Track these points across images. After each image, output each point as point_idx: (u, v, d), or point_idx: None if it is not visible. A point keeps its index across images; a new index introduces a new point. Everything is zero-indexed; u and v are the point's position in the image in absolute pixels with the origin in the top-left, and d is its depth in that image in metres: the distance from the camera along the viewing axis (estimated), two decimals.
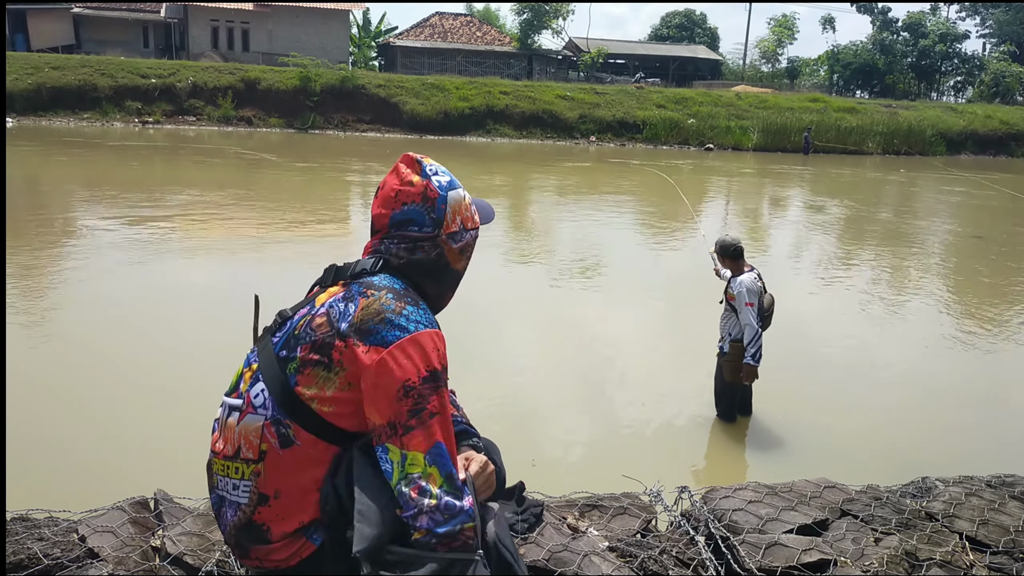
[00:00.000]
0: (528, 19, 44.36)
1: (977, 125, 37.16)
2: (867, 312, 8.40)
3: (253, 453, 1.60)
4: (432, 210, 1.69)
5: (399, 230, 1.70)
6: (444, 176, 1.74)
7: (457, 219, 1.73)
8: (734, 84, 44.94)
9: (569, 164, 24.36)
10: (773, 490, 2.47)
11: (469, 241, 1.78)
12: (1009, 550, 2.24)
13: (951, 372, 6.68)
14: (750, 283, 4.76)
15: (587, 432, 4.99)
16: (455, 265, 1.76)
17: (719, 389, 5.09)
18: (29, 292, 7.25)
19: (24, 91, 26.83)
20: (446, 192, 1.71)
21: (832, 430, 5.15)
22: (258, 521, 1.60)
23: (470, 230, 1.77)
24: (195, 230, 10.79)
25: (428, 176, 1.71)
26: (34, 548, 1.83)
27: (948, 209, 19.34)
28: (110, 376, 5.29)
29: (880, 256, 11.88)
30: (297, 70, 30.92)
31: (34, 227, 10.04)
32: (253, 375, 1.66)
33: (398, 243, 1.70)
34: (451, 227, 1.72)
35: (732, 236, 5.03)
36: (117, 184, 14.67)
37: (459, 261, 1.77)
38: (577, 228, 12.98)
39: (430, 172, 1.72)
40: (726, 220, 14.87)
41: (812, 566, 2.06)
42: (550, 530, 2.13)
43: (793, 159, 29.88)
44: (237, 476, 1.62)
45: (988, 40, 55.94)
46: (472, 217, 1.78)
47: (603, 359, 6.42)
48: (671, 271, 10.25)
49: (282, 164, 19.81)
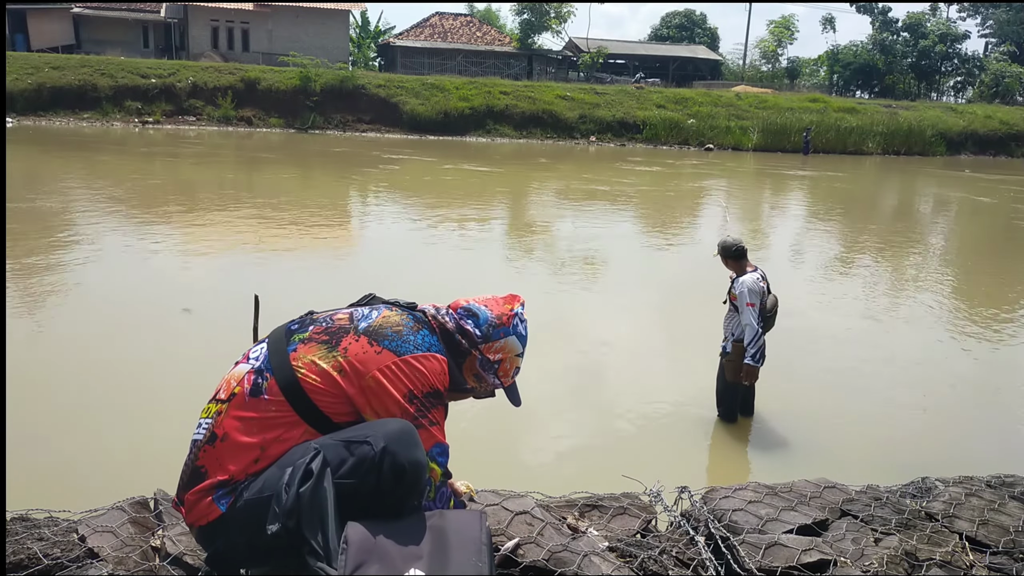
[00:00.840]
0: (528, 19, 44.35)
1: (977, 125, 37.17)
2: (867, 312, 8.40)
3: (225, 394, 1.69)
4: (493, 328, 1.88)
5: (464, 316, 1.89)
6: (524, 331, 1.93)
7: (499, 355, 1.89)
8: (734, 84, 44.95)
9: (626, 167, 24.36)
10: (773, 490, 2.47)
11: (488, 380, 1.92)
12: (1009, 550, 2.24)
13: (951, 372, 6.68)
14: (752, 283, 4.75)
15: (587, 432, 4.99)
16: (464, 374, 1.92)
17: (721, 389, 5.08)
18: (28, 292, 7.25)
19: (24, 91, 26.84)
20: (512, 332, 1.89)
21: (832, 430, 5.15)
22: (199, 464, 1.66)
23: (499, 376, 1.92)
24: (196, 230, 10.79)
25: (517, 314, 1.92)
26: (34, 548, 1.83)
27: (953, 209, 19.34)
28: (110, 376, 5.29)
29: (881, 256, 11.88)
30: (297, 70, 30.92)
31: (34, 227, 10.04)
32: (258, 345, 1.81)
33: (453, 321, 1.89)
34: (490, 353, 1.89)
35: (733, 237, 5.01)
36: (117, 184, 14.68)
37: (469, 377, 1.93)
38: (577, 228, 12.99)
39: (521, 316, 1.93)
40: (726, 220, 14.86)
41: (812, 566, 2.06)
42: (550, 530, 2.13)
43: (793, 159, 29.89)
44: (205, 415, 1.71)
45: (988, 40, 55.94)
46: (508, 373, 1.93)
47: (603, 358, 6.42)
48: (673, 271, 10.25)
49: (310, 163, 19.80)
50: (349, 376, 1.64)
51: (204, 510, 1.63)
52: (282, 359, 1.66)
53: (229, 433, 1.63)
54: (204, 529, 1.64)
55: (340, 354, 1.66)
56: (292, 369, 1.64)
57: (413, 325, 1.77)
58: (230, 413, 1.65)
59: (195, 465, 1.67)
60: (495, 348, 1.87)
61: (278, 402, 1.63)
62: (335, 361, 1.65)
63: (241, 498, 1.59)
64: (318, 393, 1.64)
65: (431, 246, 10.64)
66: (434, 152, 25.01)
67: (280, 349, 1.69)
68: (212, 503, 1.62)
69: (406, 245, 10.72)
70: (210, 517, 1.62)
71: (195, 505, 1.64)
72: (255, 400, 1.64)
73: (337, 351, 1.66)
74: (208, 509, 1.62)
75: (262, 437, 1.62)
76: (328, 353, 1.66)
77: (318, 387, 1.64)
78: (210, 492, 1.63)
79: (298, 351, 1.67)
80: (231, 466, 1.62)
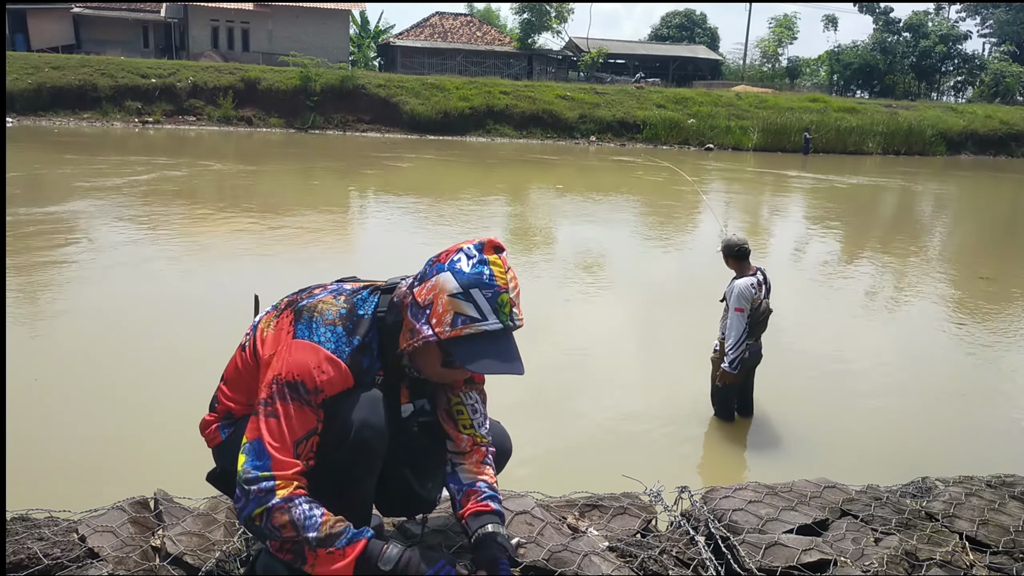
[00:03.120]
0: (528, 19, 44.35)
1: (977, 125, 37.16)
2: (867, 311, 8.40)
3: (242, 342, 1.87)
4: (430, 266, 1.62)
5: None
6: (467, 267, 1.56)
7: (429, 296, 1.57)
8: (734, 84, 44.94)
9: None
10: (773, 490, 2.47)
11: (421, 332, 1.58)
12: (1009, 550, 2.24)
13: (951, 372, 6.68)
14: (744, 288, 4.69)
15: (587, 432, 4.99)
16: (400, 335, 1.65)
17: (714, 388, 5.08)
18: (28, 292, 7.25)
19: (24, 91, 26.84)
20: (447, 268, 1.57)
21: (832, 430, 5.15)
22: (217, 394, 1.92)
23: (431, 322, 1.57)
24: (196, 230, 10.79)
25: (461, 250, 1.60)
26: (34, 548, 1.83)
27: (955, 208, 19.34)
28: (110, 376, 5.29)
29: (881, 256, 11.88)
30: (297, 70, 30.93)
31: (34, 226, 10.04)
32: None
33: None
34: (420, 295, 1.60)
35: (739, 236, 4.90)
36: (118, 183, 14.67)
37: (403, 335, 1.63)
38: (578, 227, 12.99)
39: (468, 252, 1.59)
40: (725, 219, 14.86)
41: (812, 566, 2.06)
42: (550, 530, 2.13)
43: (793, 159, 29.89)
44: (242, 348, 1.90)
45: (988, 40, 55.94)
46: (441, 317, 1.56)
47: (604, 357, 6.42)
48: (674, 270, 10.25)
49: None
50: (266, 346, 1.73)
51: (212, 435, 1.90)
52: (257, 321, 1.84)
53: (227, 375, 1.89)
54: (213, 450, 1.92)
55: (272, 326, 1.74)
56: (256, 331, 1.79)
57: (333, 319, 1.64)
58: (233, 360, 1.87)
59: (215, 394, 1.92)
60: (427, 288, 1.57)
61: (248, 358, 1.79)
62: (267, 332, 1.75)
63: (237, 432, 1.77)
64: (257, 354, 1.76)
65: (430, 247, 10.64)
66: (435, 152, 25.01)
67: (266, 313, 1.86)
68: (216, 430, 1.89)
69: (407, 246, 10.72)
70: (215, 442, 1.90)
71: (207, 427, 1.92)
72: (242, 354, 1.83)
73: (274, 322, 1.75)
74: (214, 435, 1.90)
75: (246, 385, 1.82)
76: (269, 322, 1.77)
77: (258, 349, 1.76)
78: (218, 419, 1.90)
79: (268, 315, 1.81)
80: (228, 402, 1.87)
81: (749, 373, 5.03)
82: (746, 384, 5.08)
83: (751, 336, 4.79)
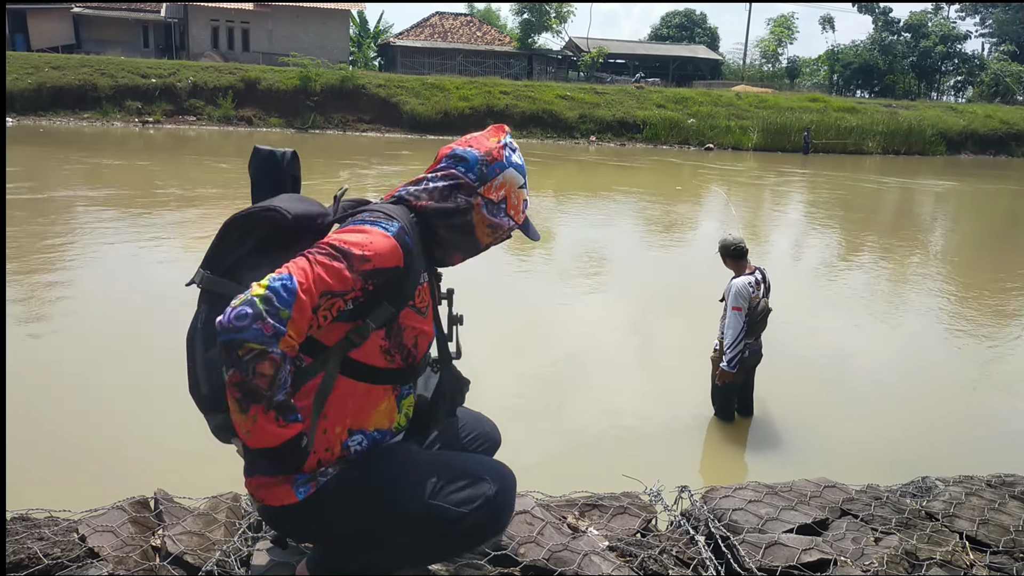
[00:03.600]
0: (528, 19, 44.34)
1: (977, 125, 37.16)
2: (868, 311, 8.40)
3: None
4: (487, 166, 1.70)
5: (451, 164, 1.71)
6: (519, 158, 1.76)
7: (502, 192, 1.72)
8: (734, 84, 44.94)
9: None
10: (773, 490, 2.47)
11: (503, 224, 1.74)
12: (1009, 550, 2.24)
13: (952, 372, 6.68)
14: (742, 287, 4.69)
15: (587, 431, 4.99)
16: (477, 233, 1.74)
17: (713, 388, 5.08)
18: (28, 292, 7.25)
19: (24, 91, 26.83)
20: (509, 165, 1.72)
21: (832, 430, 5.15)
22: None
23: (510, 214, 1.75)
24: (197, 228, 10.79)
25: (506, 144, 1.74)
26: (34, 548, 1.83)
27: (957, 208, 19.34)
28: (110, 376, 5.29)
29: (881, 255, 11.88)
30: (297, 70, 30.93)
31: (34, 226, 10.04)
32: None
33: (440, 178, 1.70)
34: (491, 193, 1.71)
35: (734, 236, 4.90)
36: (118, 182, 14.68)
37: (484, 232, 1.74)
38: (579, 227, 12.98)
39: (509, 143, 1.75)
40: (725, 219, 14.86)
41: (812, 566, 2.06)
42: (550, 530, 2.13)
43: (793, 159, 29.89)
44: None
45: (988, 40, 55.93)
46: (518, 208, 1.76)
47: (604, 357, 6.41)
48: (674, 270, 10.25)
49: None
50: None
51: (282, 494, 1.63)
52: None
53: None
54: (273, 509, 1.66)
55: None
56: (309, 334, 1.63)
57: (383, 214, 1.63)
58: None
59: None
60: (495, 186, 1.71)
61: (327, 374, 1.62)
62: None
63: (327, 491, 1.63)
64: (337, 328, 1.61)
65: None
66: (433, 152, 24.99)
67: None
68: (291, 490, 1.63)
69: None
70: (284, 501, 1.63)
71: (272, 487, 1.64)
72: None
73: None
74: (286, 494, 1.63)
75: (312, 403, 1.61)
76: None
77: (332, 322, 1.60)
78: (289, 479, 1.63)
79: None
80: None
81: (750, 372, 5.02)
82: (746, 384, 5.08)
83: (750, 335, 4.79)
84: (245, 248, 1.64)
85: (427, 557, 1.81)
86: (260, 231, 1.64)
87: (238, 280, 1.62)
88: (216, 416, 1.68)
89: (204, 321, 1.68)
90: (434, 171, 1.73)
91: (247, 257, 1.64)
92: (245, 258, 1.64)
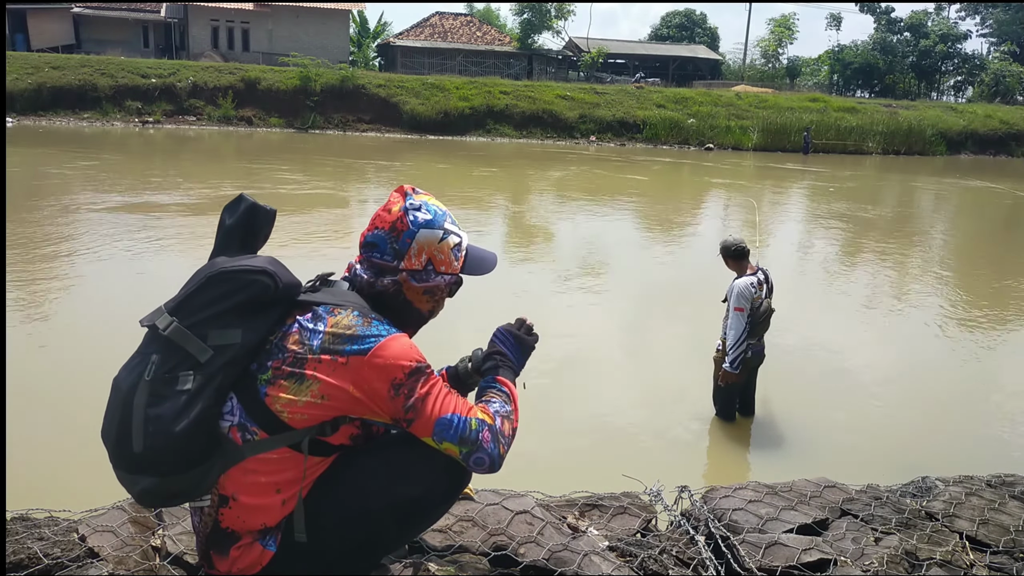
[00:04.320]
0: (528, 19, 44.36)
1: (977, 125, 37.18)
2: (868, 311, 8.40)
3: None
4: (396, 241, 1.69)
5: (367, 253, 1.72)
6: (426, 214, 1.70)
7: (423, 257, 1.70)
8: (734, 84, 44.96)
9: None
10: (773, 490, 2.48)
11: (438, 285, 1.73)
12: (1009, 550, 2.24)
13: (952, 372, 6.68)
14: (743, 287, 4.70)
15: (587, 431, 4.99)
16: (417, 304, 1.75)
17: (715, 388, 5.08)
18: (28, 291, 7.25)
19: (24, 91, 26.86)
20: (418, 228, 1.69)
21: (832, 430, 5.15)
22: (224, 526, 1.61)
23: (442, 274, 1.73)
24: (198, 227, 10.79)
25: (407, 209, 1.70)
26: (34, 548, 1.83)
27: (958, 208, 19.33)
28: (110, 376, 5.29)
29: (881, 256, 11.88)
30: (297, 70, 30.94)
31: (34, 225, 10.04)
32: None
33: (365, 268, 1.72)
34: (413, 263, 1.69)
35: (735, 236, 4.93)
36: (119, 182, 14.68)
37: (421, 301, 1.75)
38: (578, 227, 12.99)
39: (411, 205, 1.70)
40: (725, 218, 14.87)
41: (812, 566, 2.06)
42: (550, 529, 2.13)
43: (793, 159, 29.89)
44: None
45: (988, 40, 55.94)
46: (448, 261, 1.73)
47: (604, 357, 6.42)
48: (674, 270, 10.25)
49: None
50: (328, 399, 1.56)
51: (256, 558, 1.61)
52: (262, 410, 1.58)
53: (239, 493, 1.59)
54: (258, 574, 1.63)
55: (312, 383, 1.56)
56: (278, 419, 1.56)
57: (362, 321, 1.60)
58: (231, 475, 1.58)
59: (220, 528, 1.62)
60: (413, 255, 1.69)
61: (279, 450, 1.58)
62: (312, 391, 1.56)
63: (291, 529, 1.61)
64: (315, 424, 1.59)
65: None
66: (435, 152, 25.00)
67: (254, 399, 1.57)
68: (263, 550, 1.61)
69: None
70: (263, 562, 1.61)
71: (240, 559, 1.61)
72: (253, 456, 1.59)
73: (308, 381, 1.56)
74: (260, 556, 1.61)
75: (271, 480, 1.59)
76: (300, 387, 1.56)
77: (313, 420, 1.58)
78: (255, 541, 1.61)
79: (270, 395, 1.56)
80: (265, 520, 1.61)
81: (752, 373, 5.03)
82: (748, 384, 5.08)
83: (753, 336, 4.79)
84: (223, 307, 1.57)
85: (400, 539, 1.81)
86: (246, 294, 1.58)
87: (202, 336, 1.54)
88: (143, 479, 1.52)
89: (154, 373, 1.55)
90: (359, 263, 1.74)
91: (218, 315, 1.56)
92: (216, 316, 1.56)
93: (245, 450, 1.56)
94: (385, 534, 1.69)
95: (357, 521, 1.64)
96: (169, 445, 1.48)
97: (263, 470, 1.58)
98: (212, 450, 1.55)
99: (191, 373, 1.53)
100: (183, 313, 1.57)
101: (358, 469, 1.67)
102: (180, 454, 1.50)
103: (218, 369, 1.54)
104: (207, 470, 1.55)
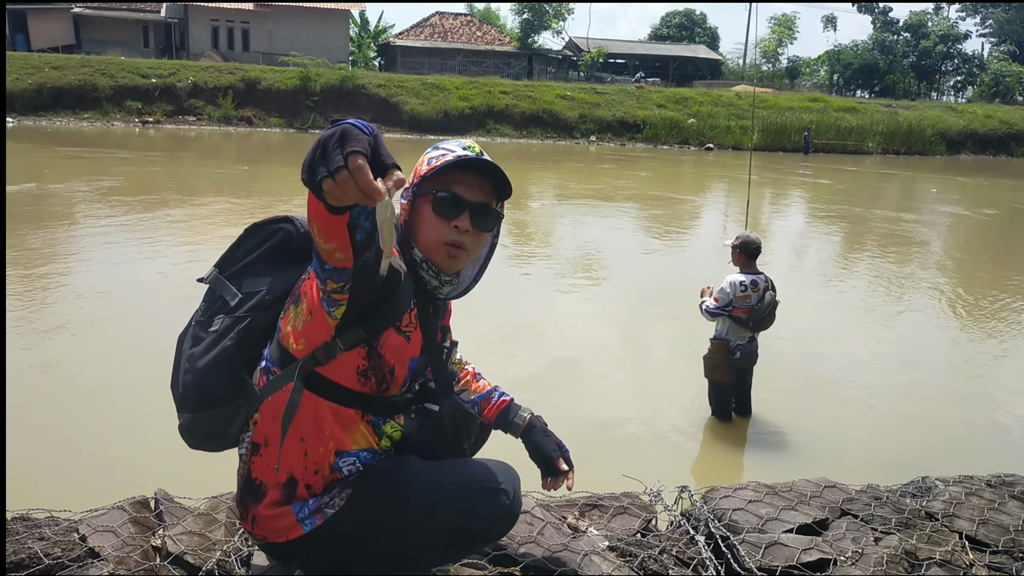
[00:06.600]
0: (528, 19, 44.37)
1: (977, 125, 37.20)
2: (867, 311, 8.40)
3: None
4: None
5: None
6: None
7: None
8: (734, 84, 44.98)
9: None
10: (773, 490, 2.48)
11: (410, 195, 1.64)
12: (1009, 550, 2.24)
13: (951, 372, 6.67)
14: (728, 283, 4.80)
15: (587, 431, 4.98)
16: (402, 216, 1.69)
17: (710, 388, 5.10)
18: (28, 291, 7.25)
19: (24, 91, 26.87)
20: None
21: (832, 430, 5.15)
22: (254, 476, 1.66)
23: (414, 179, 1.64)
24: (198, 226, 10.80)
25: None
26: (35, 548, 1.83)
27: (958, 207, 19.34)
28: (110, 375, 5.29)
29: (881, 256, 11.88)
30: (297, 70, 30.96)
31: (34, 225, 10.04)
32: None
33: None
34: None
35: (755, 235, 5.02)
36: (119, 182, 14.68)
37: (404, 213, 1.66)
38: (577, 228, 12.98)
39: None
40: (726, 219, 14.86)
41: (812, 565, 2.06)
42: (550, 529, 2.13)
43: (793, 159, 29.90)
44: (246, 429, 1.71)
45: (988, 40, 55.96)
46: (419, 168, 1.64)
47: (604, 357, 6.41)
48: (674, 270, 10.25)
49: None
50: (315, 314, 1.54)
51: (285, 527, 1.62)
52: (278, 345, 1.62)
53: (270, 438, 1.62)
54: (278, 546, 1.65)
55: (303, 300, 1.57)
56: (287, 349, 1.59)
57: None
58: (263, 420, 1.63)
59: (251, 479, 1.65)
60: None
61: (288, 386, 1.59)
62: (303, 310, 1.57)
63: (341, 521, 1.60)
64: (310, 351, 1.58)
65: None
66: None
67: (274, 337, 1.64)
68: (295, 522, 1.62)
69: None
70: (290, 535, 1.62)
71: (272, 521, 1.63)
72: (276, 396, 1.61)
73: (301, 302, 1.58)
74: (290, 528, 1.62)
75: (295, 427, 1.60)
76: (297, 309, 1.58)
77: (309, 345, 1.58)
78: (286, 503, 1.62)
79: (282, 330, 1.61)
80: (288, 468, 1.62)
81: (745, 373, 5.05)
82: (742, 384, 5.09)
83: (756, 330, 4.87)
84: (255, 255, 1.70)
85: (441, 562, 1.84)
86: (272, 243, 1.69)
87: (237, 284, 1.67)
88: (181, 416, 1.72)
89: (197, 319, 1.73)
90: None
91: (252, 264, 1.69)
92: (250, 264, 1.69)
93: (265, 390, 1.63)
94: (429, 553, 1.70)
95: (413, 533, 1.63)
96: (196, 381, 1.62)
97: (281, 412, 1.60)
98: (236, 392, 1.63)
99: (222, 316, 1.66)
100: (225, 265, 1.72)
101: (433, 486, 1.65)
102: (204, 390, 1.62)
103: (245, 313, 1.64)
104: (232, 411, 1.64)
